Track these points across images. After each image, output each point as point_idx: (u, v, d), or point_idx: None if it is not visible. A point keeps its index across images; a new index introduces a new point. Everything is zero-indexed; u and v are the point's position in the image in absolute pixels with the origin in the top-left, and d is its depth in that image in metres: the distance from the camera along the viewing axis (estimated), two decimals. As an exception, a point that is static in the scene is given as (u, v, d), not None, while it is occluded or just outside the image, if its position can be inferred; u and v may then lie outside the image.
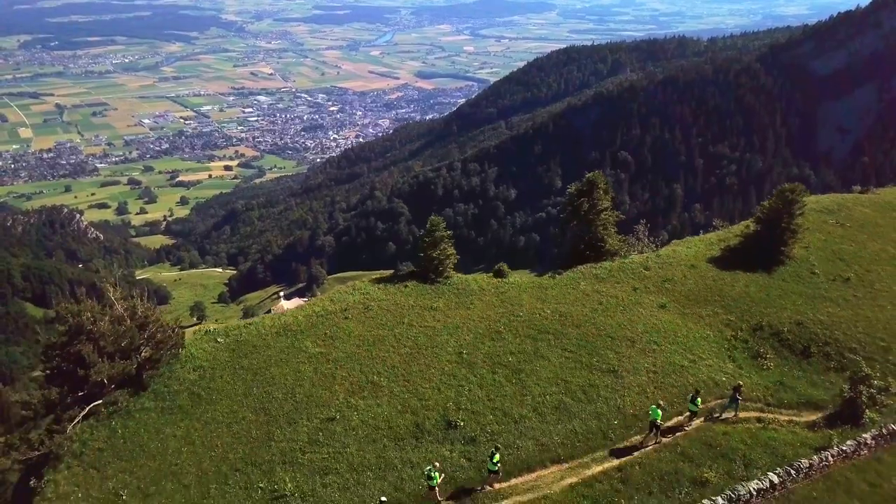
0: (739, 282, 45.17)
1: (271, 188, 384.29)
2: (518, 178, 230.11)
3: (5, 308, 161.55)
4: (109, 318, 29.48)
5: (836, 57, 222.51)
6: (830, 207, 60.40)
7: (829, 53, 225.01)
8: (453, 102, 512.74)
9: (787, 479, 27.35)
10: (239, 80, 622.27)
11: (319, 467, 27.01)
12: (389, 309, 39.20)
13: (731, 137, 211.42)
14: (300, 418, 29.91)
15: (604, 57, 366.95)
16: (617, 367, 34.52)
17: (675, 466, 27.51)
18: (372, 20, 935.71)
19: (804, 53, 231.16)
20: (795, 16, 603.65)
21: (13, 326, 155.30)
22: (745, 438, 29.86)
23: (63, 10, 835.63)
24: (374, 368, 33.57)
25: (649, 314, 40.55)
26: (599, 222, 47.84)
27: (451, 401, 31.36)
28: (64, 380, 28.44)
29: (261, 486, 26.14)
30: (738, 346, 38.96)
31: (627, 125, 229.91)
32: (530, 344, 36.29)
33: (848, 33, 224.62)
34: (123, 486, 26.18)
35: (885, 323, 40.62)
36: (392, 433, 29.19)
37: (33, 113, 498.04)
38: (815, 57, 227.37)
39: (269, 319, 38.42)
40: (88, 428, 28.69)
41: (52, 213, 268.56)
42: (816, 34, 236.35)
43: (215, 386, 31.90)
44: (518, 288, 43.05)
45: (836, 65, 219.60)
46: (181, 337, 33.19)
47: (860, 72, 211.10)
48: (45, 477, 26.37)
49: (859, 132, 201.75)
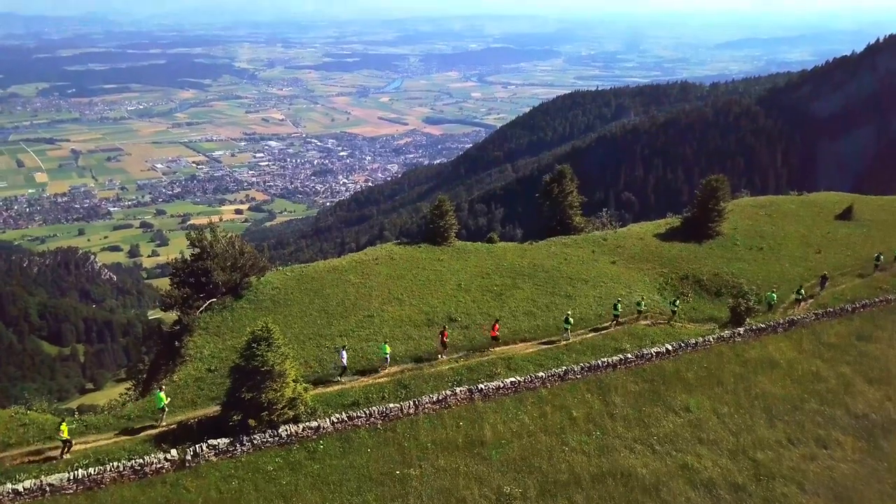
0: (675, 248, 59.55)
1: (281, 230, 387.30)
2: (524, 218, 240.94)
3: (21, 345, 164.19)
4: (222, 244, 43.55)
5: (834, 99, 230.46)
6: (763, 203, 75.26)
7: (827, 96, 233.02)
8: (461, 147, 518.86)
9: (679, 348, 40.79)
10: (250, 125, 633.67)
11: (364, 337, 40.34)
12: (408, 259, 53.38)
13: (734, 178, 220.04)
14: (349, 315, 43.41)
15: (608, 101, 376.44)
16: (572, 294, 48.44)
17: (603, 342, 40.99)
18: (381, 67, 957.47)
19: (803, 96, 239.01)
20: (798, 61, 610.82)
21: (29, 363, 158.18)
22: (658, 332, 43.37)
23: (81, 59, 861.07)
24: (399, 291, 47.36)
25: (602, 266, 54.68)
26: (567, 203, 62.35)
27: (452, 308, 45.01)
28: (190, 285, 42.34)
29: (327, 345, 39.60)
30: (667, 287, 52.62)
31: (631, 166, 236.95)
32: (510, 280, 50.23)
33: (845, 76, 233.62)
34: (235, 348, 39.69)
35: (779, 273, 54.86)
36: (412, 322, 42.70)
37: (49, 158, 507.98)
38: (813, 99, 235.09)
39: (321, 263, 52.44)
40: (208, 315, 42.52)
41: (68, 254, 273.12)
42: (814, 77, 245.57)
43: (288, 297, 45.66)
44: (504, 249, 57.72)
45: (835, 106, 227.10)
46: (266, 264, 47.32)
47: (858, 112, 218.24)
48: (185, 339, 40.04)
49: (860, 171, 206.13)
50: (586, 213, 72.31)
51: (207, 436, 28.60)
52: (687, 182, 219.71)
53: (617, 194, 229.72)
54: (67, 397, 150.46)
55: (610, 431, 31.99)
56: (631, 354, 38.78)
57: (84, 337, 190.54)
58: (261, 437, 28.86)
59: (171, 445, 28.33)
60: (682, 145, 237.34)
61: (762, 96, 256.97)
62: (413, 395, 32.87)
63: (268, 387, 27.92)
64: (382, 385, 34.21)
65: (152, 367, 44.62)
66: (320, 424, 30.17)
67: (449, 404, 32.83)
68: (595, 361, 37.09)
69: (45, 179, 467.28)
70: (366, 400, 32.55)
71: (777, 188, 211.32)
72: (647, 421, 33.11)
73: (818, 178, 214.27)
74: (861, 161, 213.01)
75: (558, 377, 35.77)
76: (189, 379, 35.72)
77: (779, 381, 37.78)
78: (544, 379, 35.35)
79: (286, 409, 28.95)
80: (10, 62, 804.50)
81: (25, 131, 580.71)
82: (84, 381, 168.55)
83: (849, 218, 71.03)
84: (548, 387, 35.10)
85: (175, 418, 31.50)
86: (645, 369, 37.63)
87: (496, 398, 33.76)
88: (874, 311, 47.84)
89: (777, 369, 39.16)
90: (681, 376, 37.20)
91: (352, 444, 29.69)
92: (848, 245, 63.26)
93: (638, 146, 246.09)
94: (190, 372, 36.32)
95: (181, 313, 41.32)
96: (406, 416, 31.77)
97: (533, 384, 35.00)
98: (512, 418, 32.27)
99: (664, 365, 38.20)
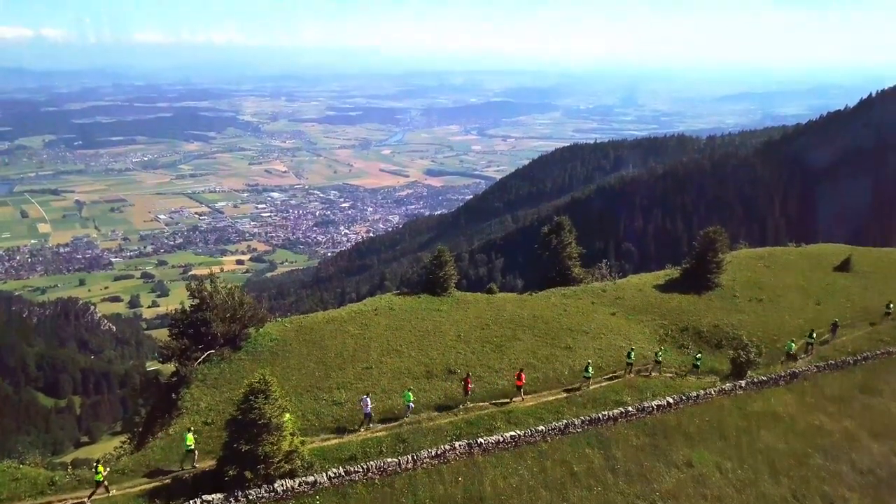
0: (675, 299, 59.45)
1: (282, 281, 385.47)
2: (524, 268, 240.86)
3: (17, 396, 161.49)
4: (222, 295, 43.55)
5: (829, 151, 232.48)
6: (762, 255, 75.52)
7: (823, 147, 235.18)
8: (461, 198, 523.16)
9: (681, 401, 40.47)
10: (254, 177, 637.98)
11: (362, 389, 39.96)
12: (407, 309, 53.21)
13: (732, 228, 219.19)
14: (347, 367, 43.13)
15: (606, 153, 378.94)
16: (572, 346, 48.25)
17: (604, 394, 40.70)
18: (383, 121, 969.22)
19: (799, 148, 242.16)
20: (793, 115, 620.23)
21: (24, 415, 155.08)
22: (659, 384, 43.09)
23: (88, 112, 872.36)
24: (398, 342, 47.15)
25: (602, 318, 54.51)
26: (565, 254, 62.52)
27: (451, 359, 44.74)
28: (189, 336, 42.18)
29: (324, 398, 39.20)
30: (667, 339, 52.42)
31: (630, 216, 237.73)
32: (510, 331, 50.07)
33: (839, 129, 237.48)
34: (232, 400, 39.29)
35: (778, 325, 54.69)
36: (410, 375, 42.44)
37: (53, 208, 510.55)
38: (809, 151, 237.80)
39: (320, 314, 52.30)
40: (206, 367, 42.17)
41: (68, 304, 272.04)
42: (810, 130, 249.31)
43: (287, 349, 45.40)
44: (503, 300, 57.66)
45: (831, 158, 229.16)
46: (265, 314, 47.19)
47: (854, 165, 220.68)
48: (182, 391, 39.66)
49: (857, 222, 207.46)
50: (587, 263, 72.50)
51: (202, 491, 28.17)
52: (686, 232, 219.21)
53: (616, 244, 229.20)
54: (62, 450, 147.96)
55: (611, 487, 31.52)
56: (632, 407, 38.56)
57: (81, 388, 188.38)
58: (256, 493, 28.40)
59: (164, 501, 27.87)
60: (681, 196, 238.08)
61: (759, 148, 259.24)
62: (411, 449, 32.48)
63: (264, 440, 27.62)
64: (381, 439, 33.81)
65: (149, 419, 44.16)
66: (317, 479, 29.74)
67: (448, 459, 32.39)
68: (596, 414, 36.77)
69: (48, 230, 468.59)
70: (363, 454, 32.15)
71: (776, 238, 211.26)
72: (649, 476, 32.67)
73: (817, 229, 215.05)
74: (858, 213, 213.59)
75: (559, 431, 35.41)
76: (185, 432, 35.28)
77: (782, 435, 37.37)
78: (545, 433, 34.98)
79: (283, 463, 28.57)
80: (19, 115, 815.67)
81: (31, 182, 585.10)
82: (79, 434, 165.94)
83: (847, 269, 71.15)
84: (548, 441, 34.72)
85: (169, 472, 31.06)
86: (646, 422, 37.27)
87: (496, 452, 33.34)
88: (876, 363, 47.57)
89: (780, 423, 38.79)
90: (683, 430, 36.83)
91: (349, 499, 29.24)
92: (847, 296, 63.24)
93: (637, 197, 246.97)
94: (186, 424, 35.93)
95: (179, 365, 41.15)
96: (404, 472, 31.34)
97: (533, 438, 34.61)
98: (512, 473, 31.84)
99: (666, 418, 37.85)
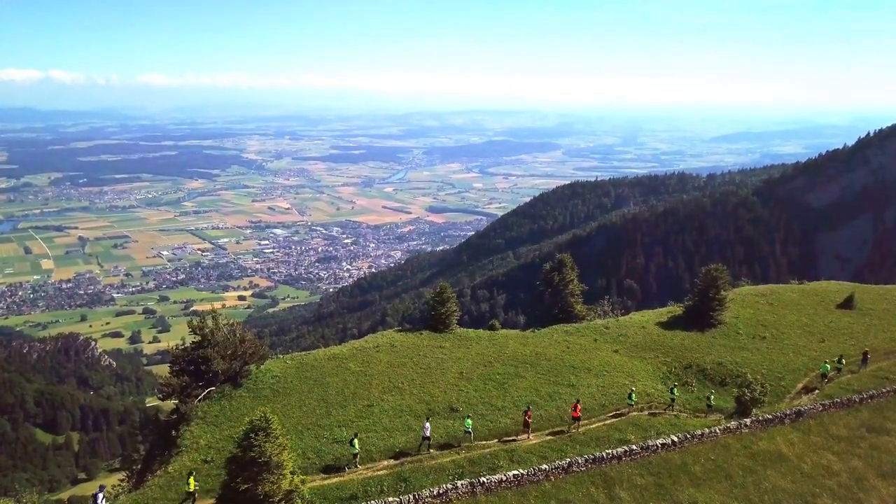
0: (678, 337, 59.15)
1: (284, 317, 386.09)
2: (527, 304, 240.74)
3: (15, 433, 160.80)
4: (223, 332, 43.45)
5: (829, 190, 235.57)
6: (764, 292, 75.22)
7: (822, 187, 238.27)
8: (463, 235, 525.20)
9: (685, 440, 40.01)
10: (257, 213, 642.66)
11: (364, 428, 39.66)
12: (409, 346, 53.06)
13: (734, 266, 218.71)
14: (349, 404, 42.84)
15: (607, 191, 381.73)
16: (575, 383, 47.86)
17: (607, 433, 40.23)
18: (386, 159, 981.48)
19: (798, 187, 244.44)
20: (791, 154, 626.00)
21: (21, 452, 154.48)
22: (663, 422, 42.64)
23: (94, 150, 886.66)
24: (399, 379, 46.92)
25: (605, 355, 54.17)
26: (568, 292, 62.46)
27: (453, 398, 44.40)
28: (189, 373, 41.99)
29: (325, 435, 38.83)
30: (671, 377, 52.05)
31: (632, 254, 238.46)
32: (513, 369, 49.78)
33: (838, 169, 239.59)
34: (232, 437, 38.96)
35: (783, 363, 54.23)
36: (412, 412, 41.99)
37: (56, 245, 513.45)
38: (808, 191, 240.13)
39: (321, 351, 52.09)
40: (206, 404, 41.89)
41: (68, 340, 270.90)
42: (808, 170, 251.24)
43: (288, 386, 45.19)
44: (506, 337, 57.38)
45: (830, 198, 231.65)
46: (266, 351, 47.01)
47: (853, 204, 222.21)
48: (182, 429, 39.31)
49: (858, 261, 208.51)
50: (589, 300, 72.41)
51: (200, 531, 27.77)
52: (688, 270, 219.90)
53: (619, 282, 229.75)
54: (59, 488, 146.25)
55: (616, 528, 31.00)
56: (636, 446, 38.05)
57: (80, 425, 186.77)
58: (255, 533, 27.95)
59: (162, 541, 27.48)
60: (682, 234, 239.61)
61: (758, 187, 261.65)
62: (413, 488, 32.07)
63: (265, 478, 27.29)
64: (382, 478, 33.40)
65: (147, 457, 43.70)
66: (317, 519, 29.33)
67: (450, 498, 31.95)
68: (599, 453, 36.33)
69: (51, 266, 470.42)
70: (364, 493, 31.74)
71: (778, 277, 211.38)
72: (654, 517, 32.15)
73: (818, 267, 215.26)
74: (859, 251, 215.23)
75: (562, 470, 34.97)
76: (184, 470, 34.93)
77: (789, 475, 36.85)
78: (548, 472, 34.54)
79: (282, 502, 28.18)
80: (26, 153, 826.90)
81: (35, 219, 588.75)
82: (77, 471, 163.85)
83: (850, 307, 70.88)
84: (551, 480, 34.25)
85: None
86: (651, 461, 36.79)
87: (498, 492, 32.89)
88: (882, 402, 47.11)
89: (786, 462, 38.27)
90: (687, 469, 36.34)
91: (349, 540, 28.76)
92: (851, 334, 62.87)
93: (638, 234, 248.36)
94: (185, 463, 35.59)
95: (179, 402, 40.91)
96: (406, 511, 30.87)
97: (536, 477, 34.16)
98: (514, 513, 31.35)
99: (670, 457, 37.38)
